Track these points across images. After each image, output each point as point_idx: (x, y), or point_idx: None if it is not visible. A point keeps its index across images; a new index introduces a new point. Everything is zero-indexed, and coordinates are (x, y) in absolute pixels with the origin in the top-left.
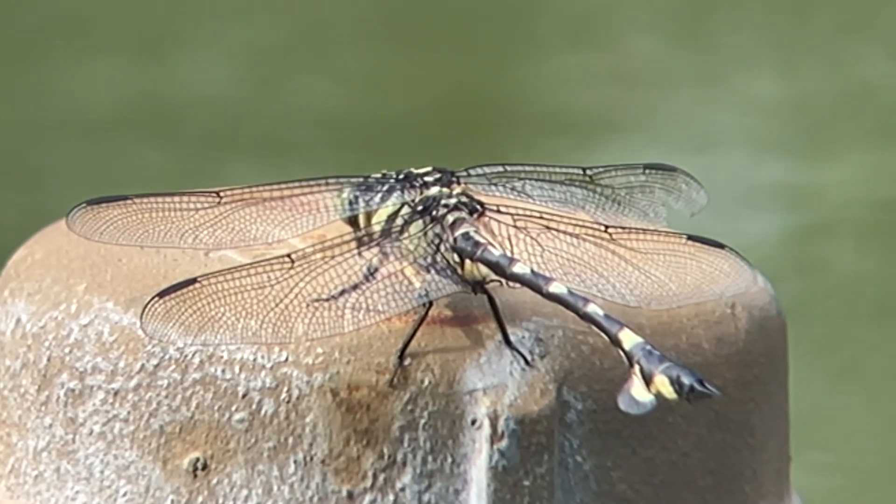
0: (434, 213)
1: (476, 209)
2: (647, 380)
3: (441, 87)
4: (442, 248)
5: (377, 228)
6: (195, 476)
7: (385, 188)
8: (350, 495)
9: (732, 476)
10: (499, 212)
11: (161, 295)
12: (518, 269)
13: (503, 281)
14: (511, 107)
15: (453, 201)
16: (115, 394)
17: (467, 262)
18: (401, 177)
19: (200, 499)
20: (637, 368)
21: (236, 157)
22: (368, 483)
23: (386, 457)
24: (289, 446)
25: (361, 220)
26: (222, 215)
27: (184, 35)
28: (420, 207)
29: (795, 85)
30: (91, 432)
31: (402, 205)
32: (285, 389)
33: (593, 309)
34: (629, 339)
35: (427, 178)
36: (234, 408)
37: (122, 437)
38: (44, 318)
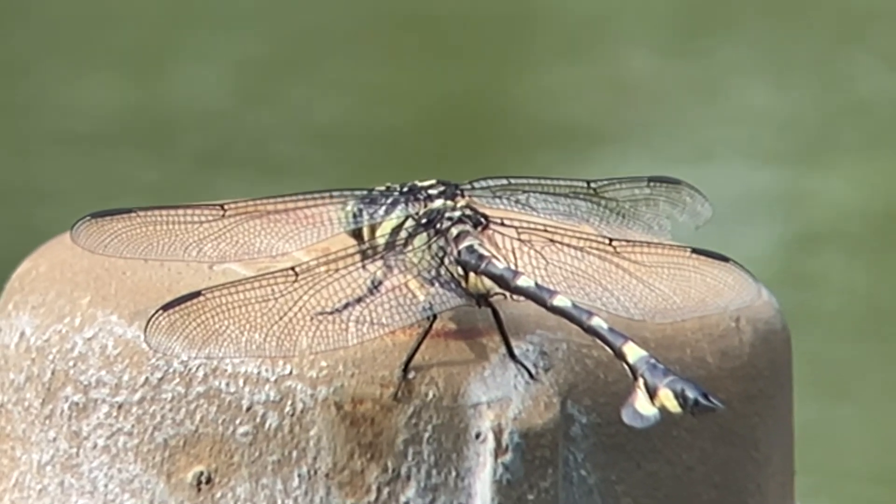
0: (438, 225)
1: (480, 222)
2: (652, 393)
3: (435, 100)
4: (446, 260)
5: (381, 241)
6: (199, 490)
7: (389, 201)
8: None
9: (737, 490)
10: (503, 225)
11: (165, 308)
12: (522, 282)
13: (507, 294)
14: (506, 119)
15: (457, 214)
16: (119, 407)
17: (471, 275)
18: (405, 189)
19: None
20: (641, 382)
21: (229, 171)
22: (372, 497)
23: (390, 470)
24: (293, 460)
25: (365, 233)
26: (226, 228)
27: (178, 50)
28: (424, 220)
29: (789, 97)
30: (95, 446)
31: (407, 218)
32: (289, 403)
33: (597, 322)
34: (633, 352)
35: (431, 191)
36: (238, 421)
37: (126, 450)
38: (48, 331)
